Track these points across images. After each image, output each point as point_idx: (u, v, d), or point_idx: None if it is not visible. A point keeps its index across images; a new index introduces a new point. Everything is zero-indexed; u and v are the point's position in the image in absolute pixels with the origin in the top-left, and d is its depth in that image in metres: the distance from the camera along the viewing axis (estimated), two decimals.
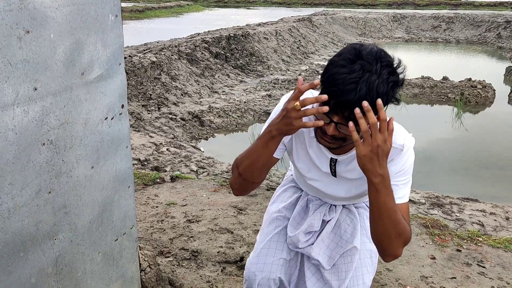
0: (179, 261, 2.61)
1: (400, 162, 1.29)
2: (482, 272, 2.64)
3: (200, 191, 3.65)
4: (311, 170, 1.46)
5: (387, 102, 1.16)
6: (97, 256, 1.78)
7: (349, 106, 1.10)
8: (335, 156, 1.37)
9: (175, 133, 7.19)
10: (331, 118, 1.15)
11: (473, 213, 3.72)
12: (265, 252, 1.61)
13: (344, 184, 1.44)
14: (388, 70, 1.12)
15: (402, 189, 1.30)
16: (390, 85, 1.12)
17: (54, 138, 1.45)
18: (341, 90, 1.08)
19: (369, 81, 1.08)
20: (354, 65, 1.09)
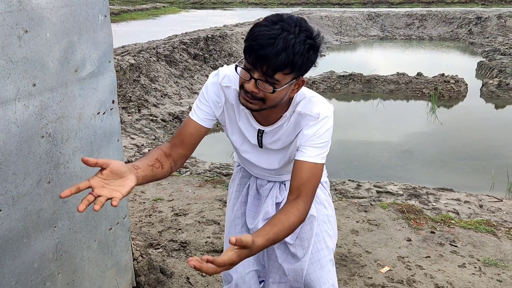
0: (168, 252, 2.72)
1: (314, 127, 1.35)
2: (454, 251, 2.82)
3: (185, 187, 3.75)
4: (244, 142, 1.50)
5: (304, 63, 1.19)
6: (93, 244, 1.87)
7: (266, 60, 1.15)
8: (262, 127, 1.42)
9: (156, 134, 7.24)
10: (252, 74, 1.20)
11: (449, 202, 3.89)
12: None
13: (272, 155, 1.49)
14: (306, 34, 1.18)
15: (315, 149, 1.35)
16: (306, 46, 1.17)
17: (52, 131, 1.54)
18: (260, 44, 1.14)
19: (286, 38, 1.14)
20: (274, 25, 1.16)
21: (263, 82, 1.20)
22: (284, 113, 1.38)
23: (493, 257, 2.75)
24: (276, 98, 1.24)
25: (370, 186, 4.29)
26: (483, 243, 2.92)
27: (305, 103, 1.38)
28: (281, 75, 1.19)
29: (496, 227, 3.15)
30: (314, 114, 1.35)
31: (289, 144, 1.45)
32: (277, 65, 1.16)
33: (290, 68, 1.17)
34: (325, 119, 1.36)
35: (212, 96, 1.43)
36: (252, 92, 1.23)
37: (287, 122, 1.39)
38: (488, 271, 2.60)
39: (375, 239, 2.96)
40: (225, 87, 1.42)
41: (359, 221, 3.21)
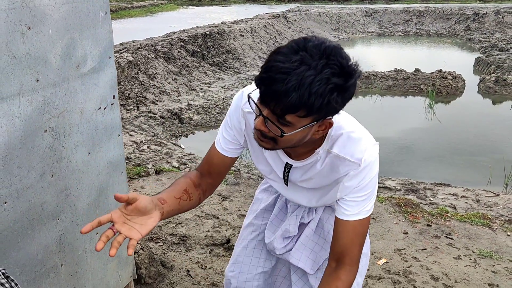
0: (168, 245, 2.76)
1: (357, 178, 1.14)
2: (450, 243, 2.87)
3: None
4: (272, 172, 1.31)
5: (324, 106, 0.94)
6: (95, 236, 1.91)
7: (275, 97, 0.93)
8: (291, 161, 1.21)
9: (155, 131, 7.27)
10: (261, 110, 1.00)
11: (446, 197, 3.94)
12: (241, 259, 1.53)
13: (302, 193, 1.30)
14: (333, 70, 0.92)
15: (359, 204, 1.16)
16: (329, 87, 0.92)
17: (54, 125, 1.58)
18: (271, 78, 0.92)
19: (303, 75, 0.90)
20: (294, 55, 0.93)
21: (271, 123, 1.00)
22: (317, 148, 1.16)
23: (488, 249, 2.80)
24: (290, 141, 1.03)
25: None
26: (478, 235, 2.96)
27: (343, 142, 1.14)
28: (294, 117, 0.96)
29: (491, 220, 3.19)
30: (355, 160, 1.13)
31: (326, 186, 1.24)
32: (287, 106, 0.93)
33: (305, 110, 0.94)
34: (368, 167, 1.13)
35: (235, 122, 1.26)
36: (260, 130, 1.04)
37: (321, 162, 1.18)
38: (483, 263, 2.65)
39: (372, 232, 3.00)
40: (247, 112, 1.21)
41: None
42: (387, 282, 2.48)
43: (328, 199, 1.26)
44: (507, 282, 2.47)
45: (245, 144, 1.30)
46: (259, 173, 4.48)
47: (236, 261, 1.54)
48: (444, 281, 2.48)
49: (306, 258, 1.41)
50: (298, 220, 1.43)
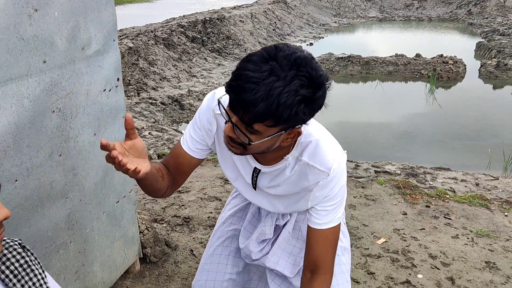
0: (172, 226, 2.82)
1: (327, 187, 1.15)
2: (448, 223, 2.92)
3: None
4: (238, 178, 1.29)
5: (291, 117, 0.94)
6: (102, 215, 1.97)
7: (243, 106, 0.93)
8: (259, 166, 1.19)
9: (156, 117, 7.29)
10: (230, 117, 1.00)
11: (445, 181, 3.97)
12: (208, 267, 1.50)
13: (269, 199, 1.28)
14: (301, 82, 0.92)
15: (330, 213, 1.18)
16: (297, 98, 0.92)
17: (62, 106, 1.62)
18: (240, 87, 0.92)
19: (271, 86, 0.90)
20: (264, 64, 0.93)
21: (240, 131, 0.99)
22: (286, 155, 1.15)
23: (485, 228, 2.85)
24: (259, 148, 1.03)
25: (368, 166, 4.37)
26: (476, 215, 3.02)
27: (313, 150, 1.14)
28: (261, 126, 0.96)
29: (489, 201, 3.24)
30: (324, 169, 1.13)
31: (293, 195, 1.23)
32: (254, 115, 0.93)
33: (273, 120, 0.94)
34: (337, 176, 1.14)
35: (205, 123, 1.23)
36: (229, 136, 1.03)
37: (291, 168, 1.17)
38: (480, 242, 2.71)
39: (372, 213, 3.05)
40: (218, 114, 1.19)
41: (356, 196, 3.30)
42: (386, 260, 2.54)
43: (295, 208, 1.24)
44: (503, 260, 2.53)
45: (213, 146, 1.26)
46: None
47: (203, 270, 1.50)
48: (441, 259, 2.54)
49: (284, 262, 1.39)
50: (274, 221, 1.40)
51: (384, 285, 2.33)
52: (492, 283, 2.33)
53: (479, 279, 2.37)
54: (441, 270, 2.44)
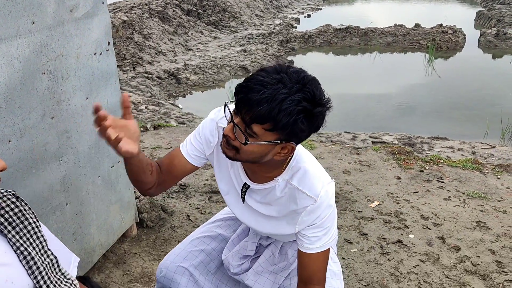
0: (168, 193, 2.86)
1: (314, 213, 1.17)
2: (441, 186, 2.96)
3: (183, 136, 3.86)
4: (230, 192, 1.32)
5: (289, 125, 1.00)
6: (97, 179, 2.00)
7: (247, 104, 0.99)
8: (249, 182, 1.23)
9: (152, 92, 7.27)
10: (233, 118, 1.06)
11: (442, 150, 3.99)
12: (178, 251, 1.53)
13: (256, 217, 1.30)
14: (305, 95, 0.99)
15: (322, 239, 1.20)
16: (298, 108, 0.98)
17: (52, 68, 1.63)
18: (249, 87, 0.99)
19: (277, 91, 0.98)
20: (274, 74, 1.01)
21: (239, 130, 1.04)
22: (277, 176, 1.19)
23: (477, 190, 2.90)
24: (251, 152, 1.07)
25: (366, 137, 4.40)
26: (469, 179, 3.06)
27: (302, 175, 1.18)
28: (260, 128, 1.01)
29: (482, 165, 3.28)
30: (312, 195, 1.16)
31: (282, 217, 1.25)
32: (256, 115, 0.99)
33: (271, 124, 0.99)
34: (325, 203, 1.17)
35: (206, 133, 1.27)
36: (227, 137, 1.08)
37: (281, 190, 1.20)
38: (472, 203, 2.75)
39: (366, 178, 3.09)
40: (221, 127, 1.24)
41: (351, 162, 3.34)
42: (379, 222, 2.59)
43: (281, 230, 1.26)
44: (494, 220, 2.58)
45: (211, 157, 1.30)
46: None
47: (173, 252, 1.53)
48: (433, 220, 2.58)
49: (264, 279, 1.42)
50: (257, 239, 1.44)
51: (376, 245, 2.38)
52: (482, 242, 2.38)
53: (469, 238, 2.42)
54: (432, 230, 2.49)
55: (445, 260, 2.25)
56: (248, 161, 1.12)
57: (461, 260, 2.24)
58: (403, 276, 2.14)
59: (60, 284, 1.05)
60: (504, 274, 2.15)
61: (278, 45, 9.59)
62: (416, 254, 2.29)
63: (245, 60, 8.56)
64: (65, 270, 1.10)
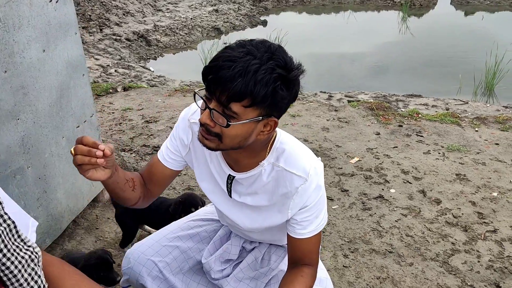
0: (141, 156, 2.73)
1: (305, 193, 1.08)
2: (420, 140, 2.93)
3: (154, 97, 3.70)
4: (215, 191, 1.22)
5: (268, 96, 0.92)
6: (61, 140, 1.85)
7: (220, 85, 0.91)
8: (233, 173, 1.13)
9: (122, 54, 6.99)
10: (208, 104, 0.96)
11: (417, 107, 3.95)
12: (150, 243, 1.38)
13: (246, 211, 1.19)
14: (276, 63, 0.93)
15: (314, 223, 1.11)
16: (273, 76, 0.91)
17: (2, 15, 1.45)
18: (218, 66, 0.91)
19: (248, 63, 0.90)
20: (240, 48, 0.93)
21: (217, 113, 0.95)
22: (262, 161, 1.09)
23: (456, 143, 2.87)
24: (235, 136, 0.98)
25: (341, 96, 4.32)
26: (447, 132, 3.03)
27: (288, 156, 1.09)
28: (239, 106, 0.93)
29: (460, 118, 3.26)
30: (302, 174, 1.07)
31: (272, 206, 1.15)
32: (232, 93, 0.91)
33: (250, 99, 0.91)
34: (314, 182, 1.08)
35: (179, 133, 1.19)
36: (206, 125, 0.97)
37: (267, 175, 1.11)
38: (451, 156, 2.73)
39: (345, 135, 3.03)
40: (193, 123, 1.16)
41: (329, 119, 3.26)
42: (360, 178, 2.54)
43: (274, 220, 1.16)
44: (473, 172, 2.56)
45: (188, 157, 1.21)
46: None
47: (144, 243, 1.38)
48: (413, 173, 2.55)
49: (245, 286, 1.33)
50: (241, 243, 1.35)
51: (357, 200, 2.33)
52: (462, 194, 2.37)
53: (450, 190, 2.40)
54: (413, 184, 2.46)
55: (426, 213, 2.22)
56: (232, 148, 1.02)
57: (442, 213, 2.22)
58: (385, 231, 2.11)
59: (20, 252, 0.93)
60: (485, 225, 2.14)
61: (251, 5, 9.32)
62: (398, 209, 2.26)
63: (217, 20, 8.28)
64: (25, 237, 0.98)
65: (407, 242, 2.03)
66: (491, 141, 2.91)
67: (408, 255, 1.96)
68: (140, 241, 1.39)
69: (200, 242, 1.40)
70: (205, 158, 1.17)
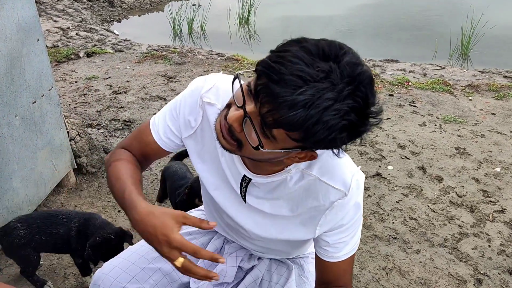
0: (111, 131, 2.43)
1: (342, 210, 0.86)
2: (414, 111, 2.74)
3: (122, 64, 3.35)
4: (220, 187, 0.98)
5: (322, 141, 0.69)
6: (14, 119, 1.54)
7: (275, 101, 0.67)
8: (250, 175, 0.90)
9: (83, 16, 6.49)
10: (245, 102, 0.73)
11: (395, 73, 3.79)
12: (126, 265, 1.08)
13: (257, 218, 0.96)
14: (356, 104, 0.68)
15: (350, 244, 0.91)
16: (343, 123, 0.67)
17: None
18: (281, 77, 0.67)
19: (321, 94, 0.66)
20: (322, 62, 0.67)
21: (251, 127, 0.72)
22: (289, 165, 0.85)
23: (452, 114, 2.70)
24: (259, 154, 0.77)
25: None
26: (441, 101, 2.86)
27: (325, 164, 0.86)
28: (283, 134, 0.70)
29: (452, 86, 3.09)
30: (341, 187, 0.85)
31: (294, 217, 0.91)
32: (284, 121, 0.67)
33: (303, 134, 0.69)
34: (355, 196, 0.86)
35: (185, 111, 0.93)
36: (230, 126, 0.75)
37: (294, 183, 0.87)
38: (449, 128, 2.56)
39: None
40: (206, 103, 0.91)
41: None
42: (354, 153, 2.34)
43: (294, 234, 0.93)
44: (473, 145, 2.40)
45: (189, 141, 0.96)
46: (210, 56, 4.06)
47: (117, 264, 1.08)
48: (411, 148, 2.37)
49: None
50: (237, 262, 1.10)
51: None
52: (464, 169, 2.21)
53: (451, 166, 2.23)
54: (411, 160, 2.28)
55: (428, 192, 2.05)
56: (252, 160, 0.82)
57: (445, 192, 2.06)
58: (386, 214, 1.93)
59: None
60: (491, 204, 1.99)
61: None
62: (398, 188, 2.08)
63: None
64: None
65: (412, 226, 1.86)
66: (487, 111, 2.75)
67: (414, 241, 1.79)
68: (110, 261, 1.07)
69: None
70: (215, 149, 0.92)
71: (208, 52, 4.04)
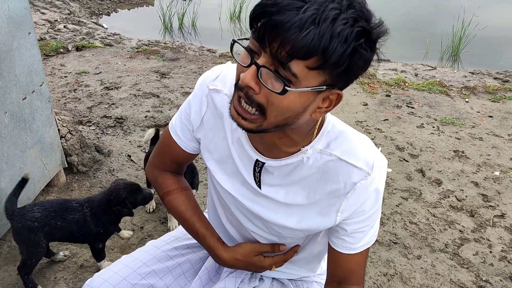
0: (102, 129, 2.35)
1: (365, 192, 0.80)
2: (411, 112, 2.71)
3: (114, 59, 3.26)
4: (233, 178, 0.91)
5: (346, 58, 0.63)
6: (3, 116, 1.46)
7: (283, 30, 0.62)
8: (263, 158, 0.84)
9: (71, 9, 6.35)
10: (254, 58, 0.67)
11: (386, 72, 3.77)
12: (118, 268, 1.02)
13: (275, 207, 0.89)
14: (358, 12, 0.64)
15: (369, 234, 0.85)
16: (356, 30, 0.63)
17: None
18: (276, 4, 0.62)
19: (324, 7, 0.62)
20: None
21: (270, 73, 0.66)
22: (305, 146, 0.80)
23: (449, 116, 2.68)
24: (286, 109, 0.69)
25: None
26: (438, 103, 2.83)
27: (343, 142, 0.80)
28: (302, 67, 0.63)
29: (448, 88, 3.07)
30: (362, 165, 0.78)
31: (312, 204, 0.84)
32: (298, 46, 0.61)
33: (321, 58, 0.62)
34: (378, 177, 0.79)
35: (196, 104, 0.90)
36: (248, 90, 0.69)
37: (310, 165, 0.81)
38: (446, 130, 2.53)
39: None
40: (213, 90, 0.87)
41: None
42: None
43: (314, 224, 0.86)
44: (471, 148, 2.38)
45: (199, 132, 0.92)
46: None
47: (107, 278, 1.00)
48: (409, 150, 2.34)
49: None
50: (237, 284, 1.02)
51: None
52: (463, 173, 2.18)
53: (450, 169, 2.21)
54: (410, 162, 2.25)
55: (428, 196, 2.02)
56: (277, 126, 0.72)
57: (445, 195, 2.03)
58: (386, 218, 1.89)
59: None
60: (491, 209, 1.96)
61: None
62: (397, 191, 2.04)
63: None
64: None
65: (412, 231, 1.83)
66: (484, 113, 2.74)
67: (414, 246, 1.76)
68: (100, 273, 1.00)
69: (181, 276, 1.05)
70: (225, 136, 0.87)
71: (199, 48, 3.96)
